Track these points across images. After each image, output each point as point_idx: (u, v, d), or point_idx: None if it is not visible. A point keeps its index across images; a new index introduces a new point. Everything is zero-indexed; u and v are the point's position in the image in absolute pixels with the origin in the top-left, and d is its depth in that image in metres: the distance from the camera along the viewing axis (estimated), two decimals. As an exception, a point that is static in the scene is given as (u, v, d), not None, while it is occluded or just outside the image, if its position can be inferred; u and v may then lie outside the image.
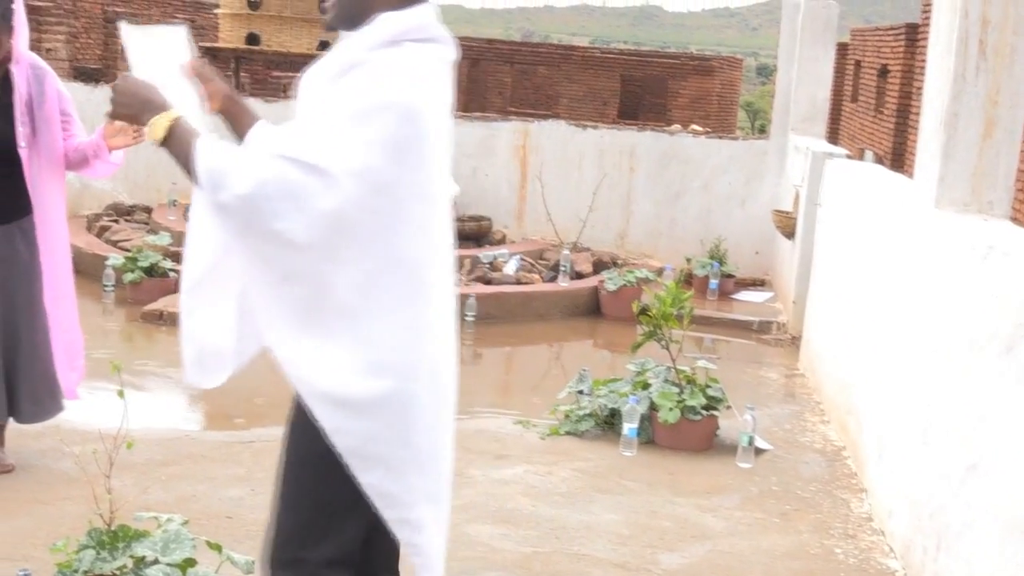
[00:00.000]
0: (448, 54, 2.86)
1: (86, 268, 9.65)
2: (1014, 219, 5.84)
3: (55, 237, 5.20)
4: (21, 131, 5.00)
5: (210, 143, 2.67)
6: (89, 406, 6.13)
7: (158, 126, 2.73)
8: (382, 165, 2.62)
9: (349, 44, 2.79)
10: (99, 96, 11.18)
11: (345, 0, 2.84)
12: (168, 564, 3.65)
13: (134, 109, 2.83)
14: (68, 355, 5.30)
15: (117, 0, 27.34)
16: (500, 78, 31.55)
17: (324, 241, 2.62)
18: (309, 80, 2.80)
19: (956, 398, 4.48)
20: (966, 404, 4.33)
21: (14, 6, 4.90)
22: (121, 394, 4.07)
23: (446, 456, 2.91)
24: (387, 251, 2.69)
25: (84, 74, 18.72)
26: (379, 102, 2.63)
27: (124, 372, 4.06)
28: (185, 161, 2.67)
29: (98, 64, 22.10)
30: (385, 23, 2.76)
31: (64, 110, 5.17)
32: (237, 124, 3.09)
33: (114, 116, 2.91)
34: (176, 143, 2.71)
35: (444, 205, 2.85)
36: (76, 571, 3.60)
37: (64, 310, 5.27)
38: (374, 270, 2.68)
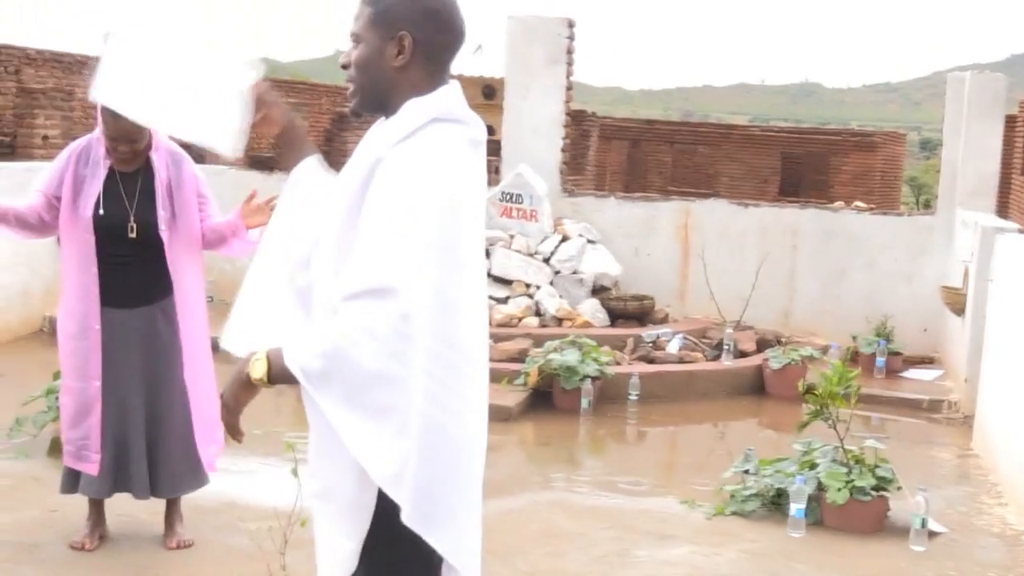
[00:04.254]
0: (477, 135, 2.82)
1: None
2: None
3: (194, 316, 5.33)
4: (162, 215, 5.16)
5: (288, 345, 2.67)
6: (263, 481, 6.27)
7: (256, 370, 2.71)
8: (433, 264, 2.60)
9: (373, 138, 2.78)
10: (271, 183, 11.51)
11: (367, 87, 2.84)
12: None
13: (235, 387, 2.80)
14: (207, 430, 5.39)
15: (290, 90, 28.32)
16: (660, 158, 31.63)
17: (405, 356, 2.60)
18: (343, 183, 2.79)
19: None
20: None
21: None
22: (295, 472, 4.15)
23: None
24: (447, 346, 2.65)
25: (259, 162, 19.37)
26: (415, 201, 2.62)
27: (296, 450, 4.15)
28: (287, 377, 2.66)
29: (271, 153, 22.83)
30: (412, 110, 2.75)
31: (200, 192, 5.31)
32: (291, 153, 3.10)
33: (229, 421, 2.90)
34: (277, 369, 2.68)
35: (479, 287, 2.81)
36: (251, 647, 3.66)
37: (203, 387, 5.37)
38: (439, 366, 2.63)
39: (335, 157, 25.43)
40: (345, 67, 2.87)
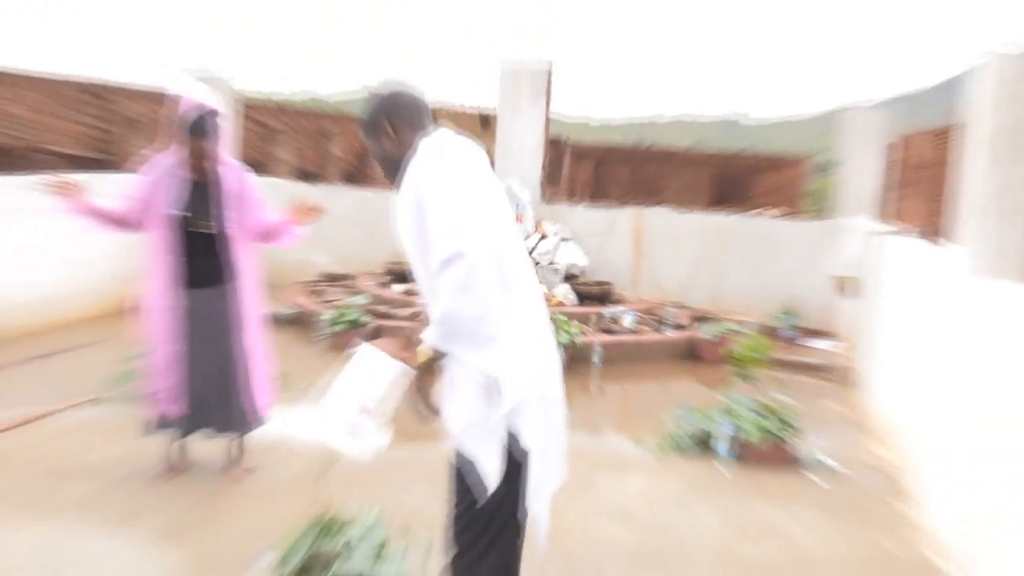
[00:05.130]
0: (476, 149, 3.17)
1: (305, 320, 9.89)
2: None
3: (252, 295, 5.35)
4: (229, 215, 5.18)
5: (426, 332, 2.96)
6: (308, 426, 6.27)
7: (422, 356, 2.96)
8: (481, 231, 2.91)
9: (412, 172, 3.05)
10: (314, 192, 11.53)
11: (389, 166, 3.23)
12: (369, 545, 3.71)
13: (418, 379, 3.01)
14: (261, 382, 5.42)
15: (326, 118, 28.15)
16: (618, 175, 31.56)
17: (489, 296, 2.86)
18: (402, 208, 3.04)
19: (988, 425, 4.33)
20: (997, 430, 4.19)
21: (221, 122, 5.09)
22: (333, 417, 4.15)
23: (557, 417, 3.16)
24: (503, 288, 2.95)
25: (305, 175, 19.28)
26: (454, 195, 2.94)
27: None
28: (437, 356, 2.95)
29: (314, 168, 22.76)
30: (427, 145, 3.09)
31: (258, 197, 5.31)
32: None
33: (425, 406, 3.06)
34: (430, 349, 2.94)
35: (518, 244, 3.12)
36: (300, 550, 3.68)
37: (258, 350, 5.39)
38: (500, 300, 2.91)
39: (365, 169, 25.33)
40: (380, 164, 3.28)
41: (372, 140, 3.26)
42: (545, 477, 3.08)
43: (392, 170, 3.21)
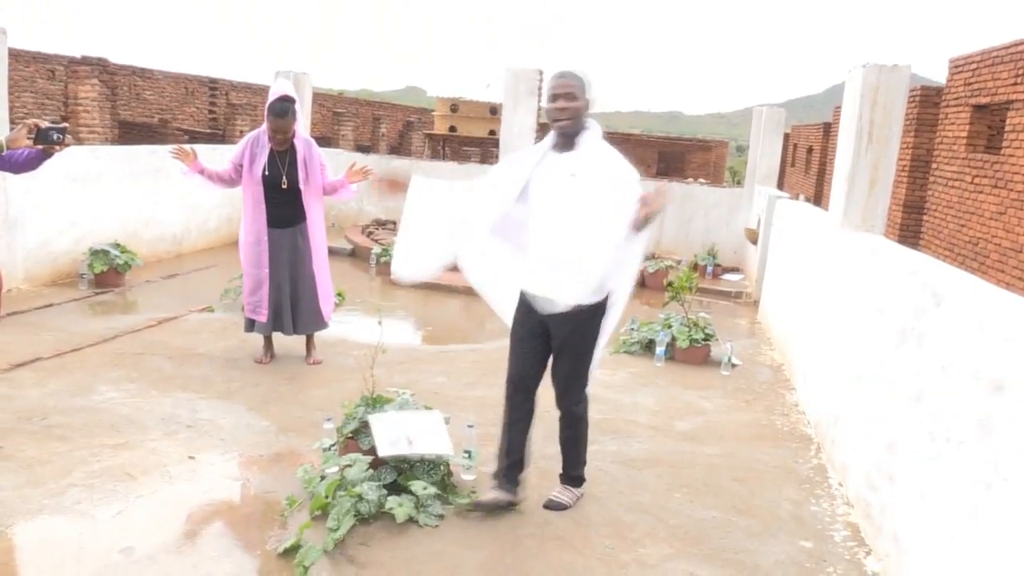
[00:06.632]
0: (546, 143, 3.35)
1: (360, 254, 9.83)
2: (885, 235, 5.61)
3: (318, 234, 5.28)
4: (300, 175, 5.10)
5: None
6: (362, 327, 6.26)
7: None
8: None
9: (587, 146, 3.26)
10: (366, 159, 11.36)
11: (575, 118, 3.24)
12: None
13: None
14: (324, 297, 5.37)
15: (378, 108, 27.69)
16: (589, 152, 31.35)
17: None
18: (598, 169, 3.27)
19: (840, 338, 4.33)
20: (847, 341, 4.19)
21: (296, 107, 4.99)
22: (380, 322, 4.14)
23: None
24: None
25: (361, 148, 19.01)
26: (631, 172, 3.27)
27: (381, 311, 4.13)
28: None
29: (368, 143, 22.50)
30: (596, 129, 3.29)
31: (322, 162, 5.20)
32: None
33: None
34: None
35: None
36: (354, 418, 3.69)
37: (323, 273, 5.34)
38: None
39: (405, 148, 24.83)
40: (566, 116, 3.25)
41: (579, 98, 3.20)
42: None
43: (573, 125, 3.22)
